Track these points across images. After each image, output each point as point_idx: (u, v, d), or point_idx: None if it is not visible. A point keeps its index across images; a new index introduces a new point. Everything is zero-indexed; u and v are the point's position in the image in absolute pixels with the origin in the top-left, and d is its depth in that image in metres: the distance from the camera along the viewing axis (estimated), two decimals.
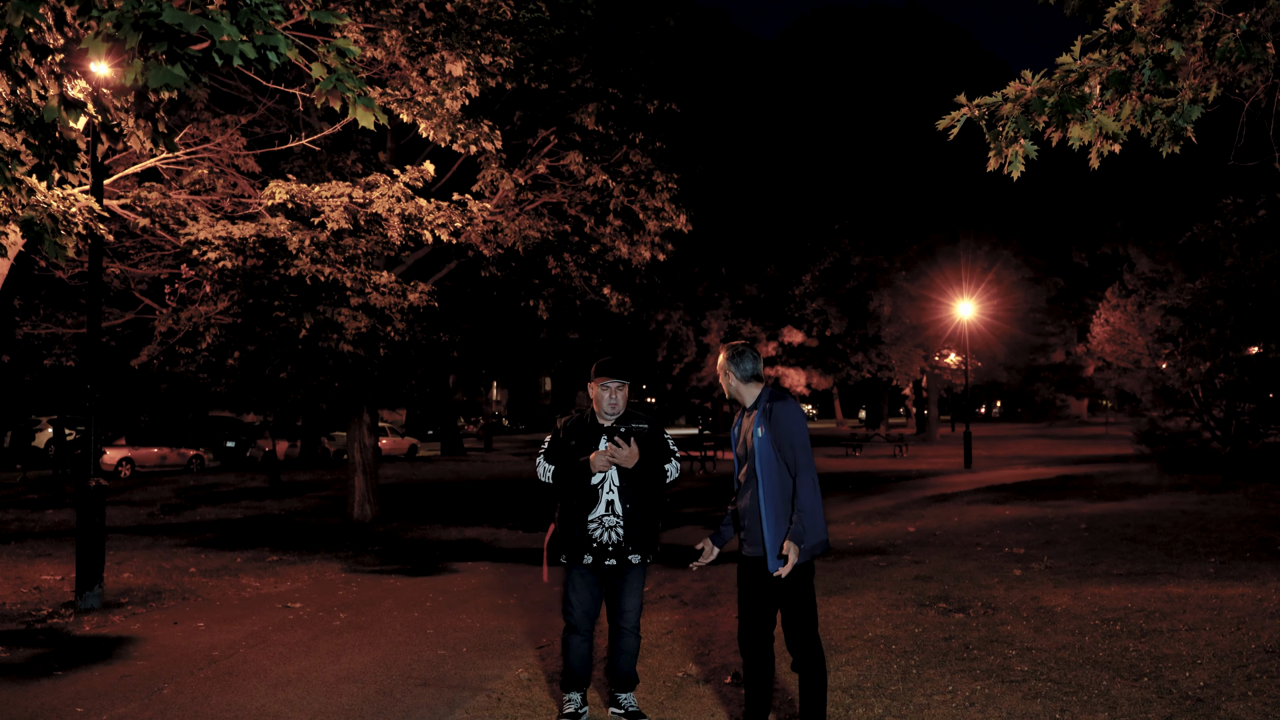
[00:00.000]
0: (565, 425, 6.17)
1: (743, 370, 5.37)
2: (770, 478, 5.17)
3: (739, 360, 5.37)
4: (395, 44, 11.25)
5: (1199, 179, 29.12)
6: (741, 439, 5.38)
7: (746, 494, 5.29)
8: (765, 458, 5.18)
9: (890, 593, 10.18)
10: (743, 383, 5.38)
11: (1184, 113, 5.58)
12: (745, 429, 5.34)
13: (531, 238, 16.02)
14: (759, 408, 5.28)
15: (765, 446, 5.18)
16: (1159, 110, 5.59)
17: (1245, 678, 6.55)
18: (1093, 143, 5.73)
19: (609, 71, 16.28)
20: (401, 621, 9.43)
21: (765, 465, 5.17)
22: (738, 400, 5.41)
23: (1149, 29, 5.40)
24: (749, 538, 5.29)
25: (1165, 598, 9.48)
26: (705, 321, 51.27)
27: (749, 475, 5.27)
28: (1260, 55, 5.39)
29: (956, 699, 6.32)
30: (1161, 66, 5.37)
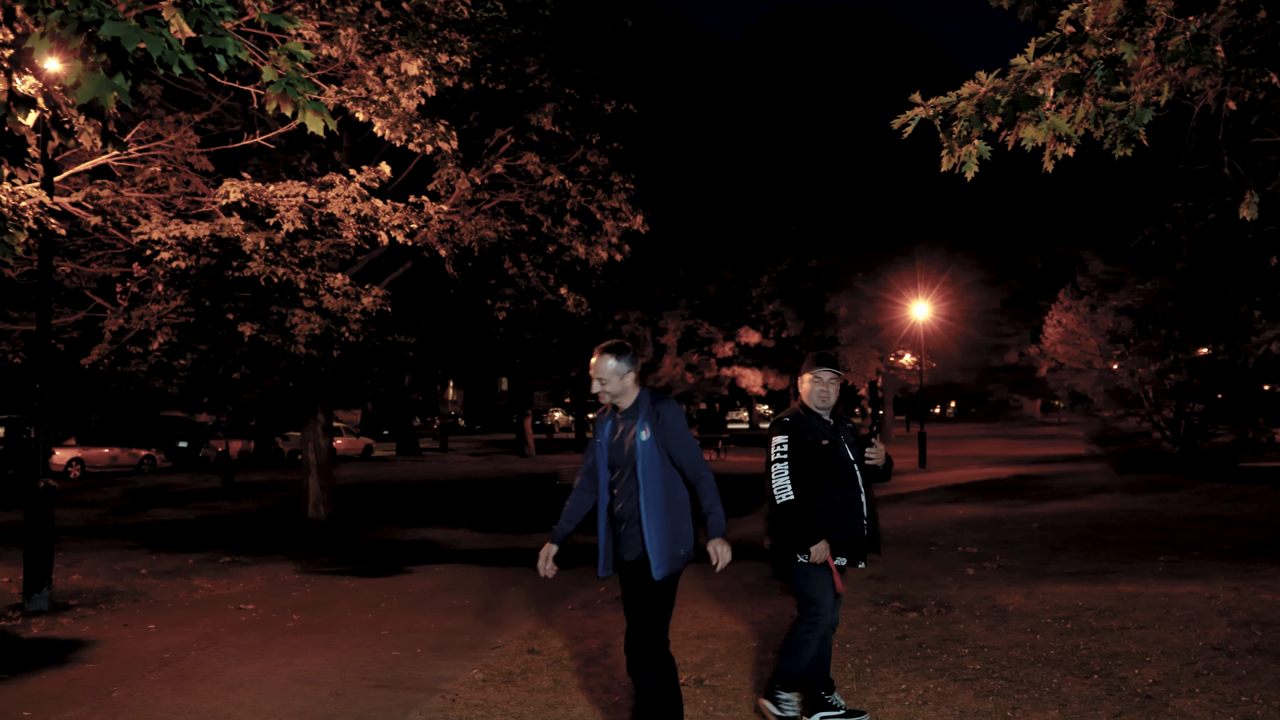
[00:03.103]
0: (792, 427, 5.83)
1: (632, 371, 5.16)
2: (655, 483, 5.03)
3: (628, 360, 5.14)
4: (351, 42, 11.17)
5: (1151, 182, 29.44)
6: (614, 442, 5.18)
7: (623, 499, 5.14)
8: (650, 461, 5.04)
9: (848, 593, 10.22)
10: (631, 384, 5.17)
11: (1136, 115, 5.64)
12: (621, 432, 5.16)
13: (488, 238, 15.97)
14: (641, 410, 5.12)
15: (650, 450, 5.05)
16: (1111, 113, 5.65)
17: (1193, 675, 6.63)
18: (1046, 145, 5.78)
19: (566, 72, 16.25)
20: (356, 623, 9.37)
21: (650, 469, 5.03)
22: (617, 403, 5.17)
23: (1101, 32, 5.46)
24: (625, 541, 5.14)
25: (1116, 596, 9.59)
26: (663, 322, 51.30)
27: (627, 479, 5.11)
28: (1210, 58, 5.46)
29: (910, 697, 6.36)
30: (1113, 69, 5.43)
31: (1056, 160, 5.89)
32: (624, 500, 5.15)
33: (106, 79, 4.75)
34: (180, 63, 4.76)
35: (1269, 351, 9.49)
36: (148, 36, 4.58)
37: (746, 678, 6.89)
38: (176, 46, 4.68)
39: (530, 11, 14.46)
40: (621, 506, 5.16)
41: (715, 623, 8.80)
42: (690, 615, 9.19)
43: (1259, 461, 29.21)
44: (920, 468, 33.73)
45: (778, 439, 5.79)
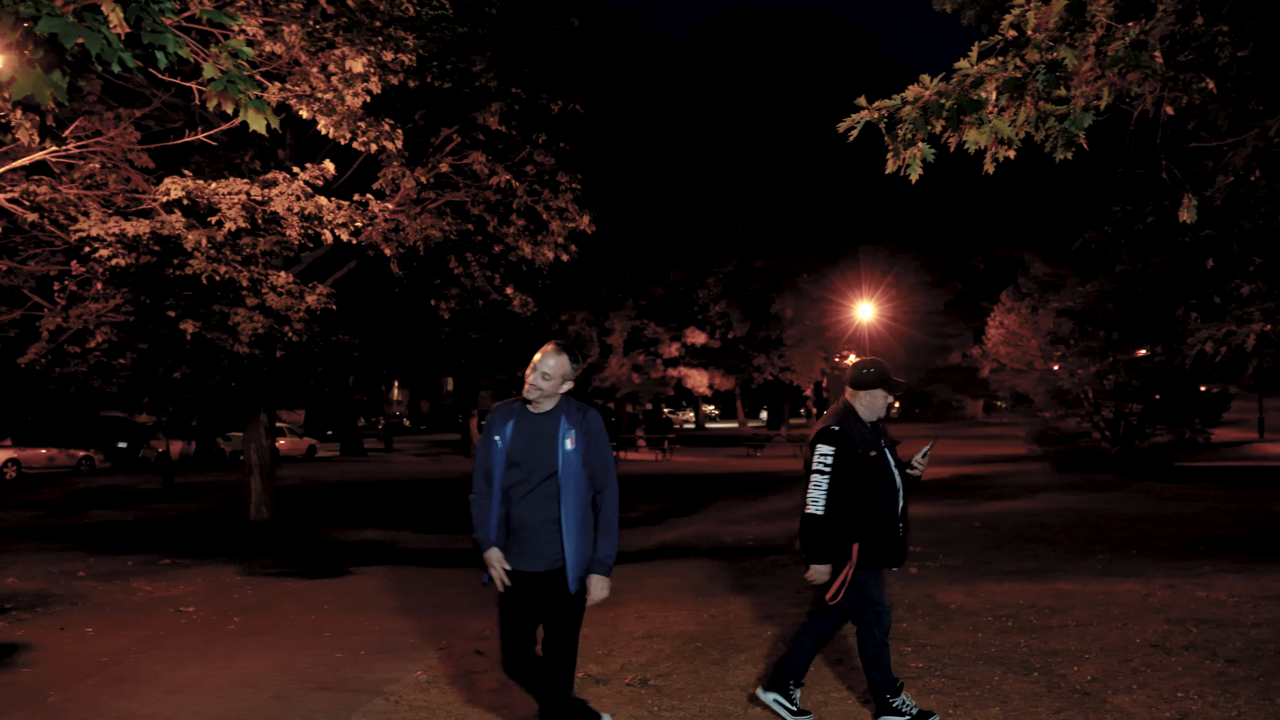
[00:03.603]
0: (842, 438, 5.74)
1: (573, 376, 5.07)
2: (579, 494, 4.95)
3: (575, 363, 5.05)
4: (295, 39, 11.05)
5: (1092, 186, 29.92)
6: (520, 444, 4.97)
7: (530, 505, 4.95)
8: (575, 471, 4.93)
9: (791, 591, 10.28)
10: (565, 388, 5.06)
11: (1076, 119, 5.71)
12: (530, 434, 4.97)
13: (434, 237, 15.88)
14: (563, 416, 4.99)
15: (576, 459, 4.94)
16: (1052, 116, 5.72)
17: (1131, 671, 6.72)
18: (988, 148, 5.84)
19: (513, 71, 16.20)
20: (299, 625, 9.29)
21: (574, 479, 4.93)
22: (538, 404, 5.00)
23: (1043, 36, 5.52)
24: (531, 550, 4.95)
25: (1056, 594, 9.70)
26: (609, 322, 51.34)
27: (539, 485, 4.92)
28: (1149, 63, 5.54)
29: (853, 697, 6.40)
30: (1054, 73, 5.50)
31: (998, 163, 5.96)
32: (532, 507, 4.94)
33: (44, 75, 4.67)
34: (119, 60, 4.69)
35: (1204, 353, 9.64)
36: (85, 32, 4.50)
37: (692, 678, 6.89)
38: (115, 43, 4.61)
39: (477, 10, 14.40)
40: (527, 513, 4.94)
41: (660, 623, 8.81)
42: (635, 615, 9.19)
43: (1194, 461, 29.73)
44: None
45: (824, 448, 5.72)
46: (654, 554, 13.82)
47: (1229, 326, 9.27)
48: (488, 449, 5.07)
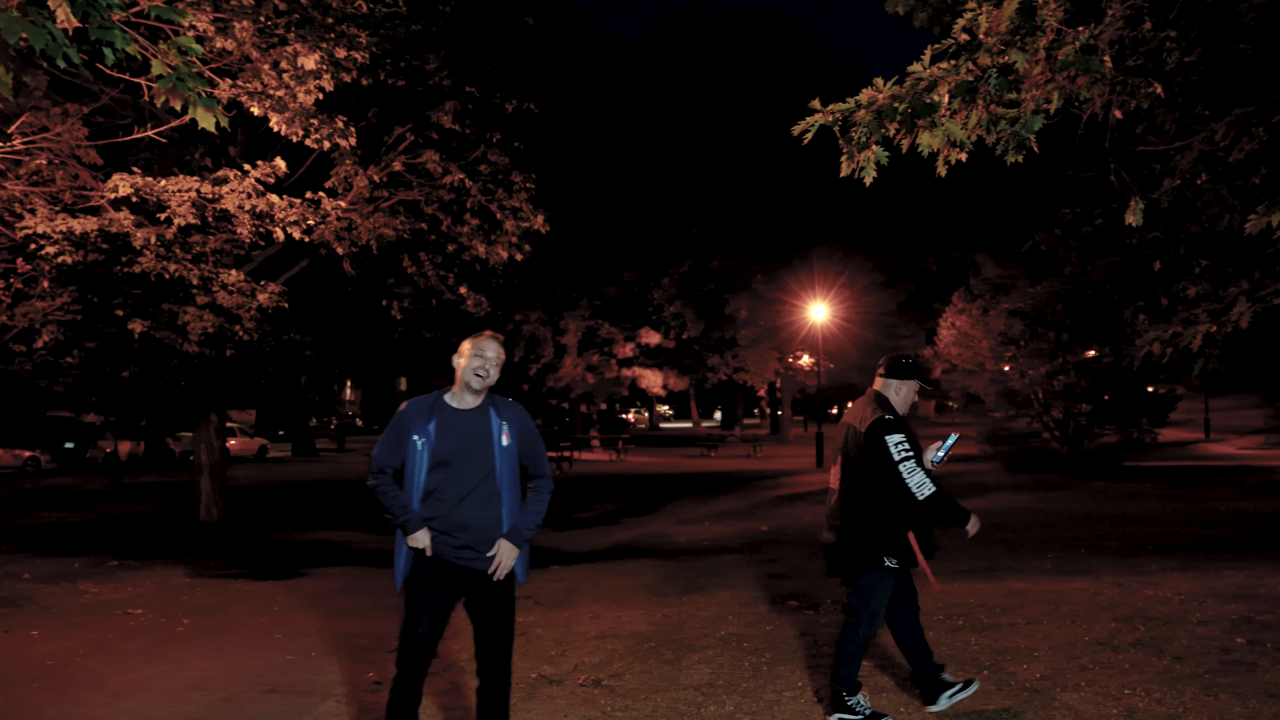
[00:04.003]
0: (904, 425, 5.82)
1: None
2: (515, 488, 4.90)
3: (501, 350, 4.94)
4: (246, 35, 10.94)
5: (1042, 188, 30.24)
6: (448, 442, 4.77)
7: (474, 507, 4.79)
8: (512, 468, 4.87)
9: (744, 591, 10.31)
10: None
11: (1027, 123, 5.76)
12: (461, 431, 4.80)
13: (387, 236, 15.78)
14: (492, 411, 4.88)
15: (513, 456, 4.86)
16: (1003, 120, 5.77)
17: (1079, 669, 6.80)
18: (940, 150, 5.88)
19: (467, 70, 16.14)
20: (249, 627, 9.20)
21: (509, 474, 4.86)
22: (465, 401, 4.86)
23: (995, 40, 5.57)
24: (466, 540, 4.78)
25: (1006, 593, 9.79)
26: (563, 322, 51.26)
27: (478, 486, 4.78)
28: (1098, 68, 5.60)
29: (806, 694, 6.42)
30: (1006, 77, 5.54)
31: (950, 165, 6.00)
32: (473, 511, 4.79)
33: None
34: (65, 56, 4.62)
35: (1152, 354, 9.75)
36: (30, 28, 4.43)
37: (645, 678, 6.90)
38: (61, 39, 4.54)
39: (430, 8, 14.33)
40: (468, 517, 4.78)
41: (614, 623, 8.81)
42: (589, 615, 9.19)
43: (1142, 461, 30.10)
44: (818, 468, 34.14)
45: (895, 437, 5.71)
46: (608, 554, 13.82)
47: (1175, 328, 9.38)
48: (398, 449, 4.80)
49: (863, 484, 5.78)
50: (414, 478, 4.76)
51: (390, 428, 4.85)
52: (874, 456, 5.72)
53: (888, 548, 5.75)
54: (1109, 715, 5.85)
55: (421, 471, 4.75)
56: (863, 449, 5.76)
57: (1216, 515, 16.66)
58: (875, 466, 5.72)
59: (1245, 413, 55.56)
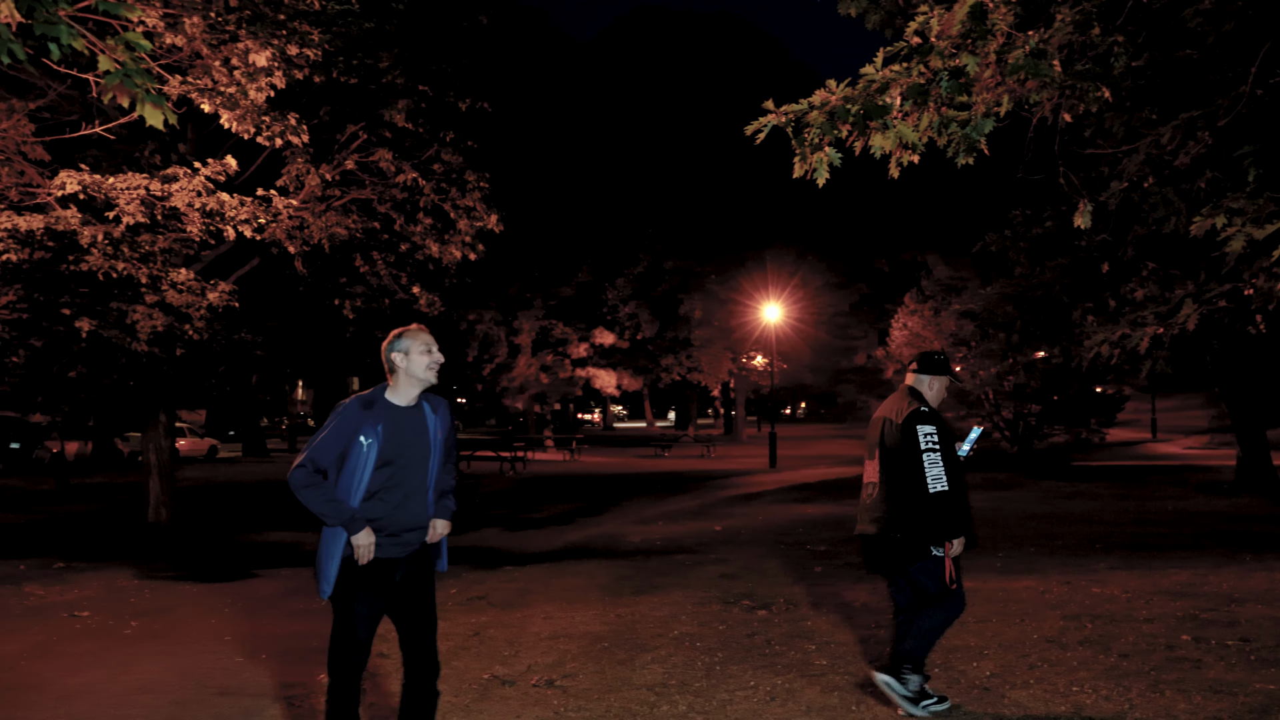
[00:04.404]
0: (936, 417, 5.97)
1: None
2: (451, 473, 4.95)
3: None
4: (197, 31, 10.84)
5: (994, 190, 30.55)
6: (395, 440, 4.72)
7: (415, 506, 4.77)
8: (440, 459, 4.87)
9: (697, 591, 10.33)
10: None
11: (978, 125, 5.81)
12: (403, 429, 4.74)
13: (339, 235, 15.68)
14: (426, 406, 4.85)
15: (441, 451, 4.86)
16: (954, 122, 5.82)
17: (1028, 667, 6.87)
18: (892, 152, 5.92)
19: (420, 68, 16.05)
20: (198, 629, 9.11)
21: (438, 467, 4.86)
22: (400, 397, 4.80)
23: (946, 44, 5.61)
24: (409, 539, 4.78)
25: None
26: (517, 322, 51.13)
27: (415, 484, 4.76)
28: (1047, 72, 5.66)
29: (759, 694, 6.45)
30: (957, 80, 5.59)
31: (902, 167, 6.04)
32: (414, 510, 4.77)
33: None
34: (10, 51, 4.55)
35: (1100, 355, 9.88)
36: None
37: (598, 678, 6.89)
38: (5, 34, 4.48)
39: (383, 5, 14.25)
40: (409, 517, 4.76)
41: (567, 623, 8.80)
42: (542, 616, 9.17)
43: (1090, 460, 30.48)
44: (771, 468, 34.27)
45: (925, 428, 5.85)
46: (561, 554, 13.80)
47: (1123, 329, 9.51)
48: (342, 448, 4.66)
49: (902, 476, 5.90)
50: (356, 478, 4.64)
51: (335, 428, 4.67)
52: (908, 447, 5.86)
53: (932, 536, 5.87)
54: (1057, 712, 5.91)
55: (366, 472, 4.64)
56: (899, 441, 5.90)
57: (1163, 514, 16.88)
58: (909, 457, 5.86)
59: (1191, 413, 56.42)
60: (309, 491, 4.66)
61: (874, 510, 6.05)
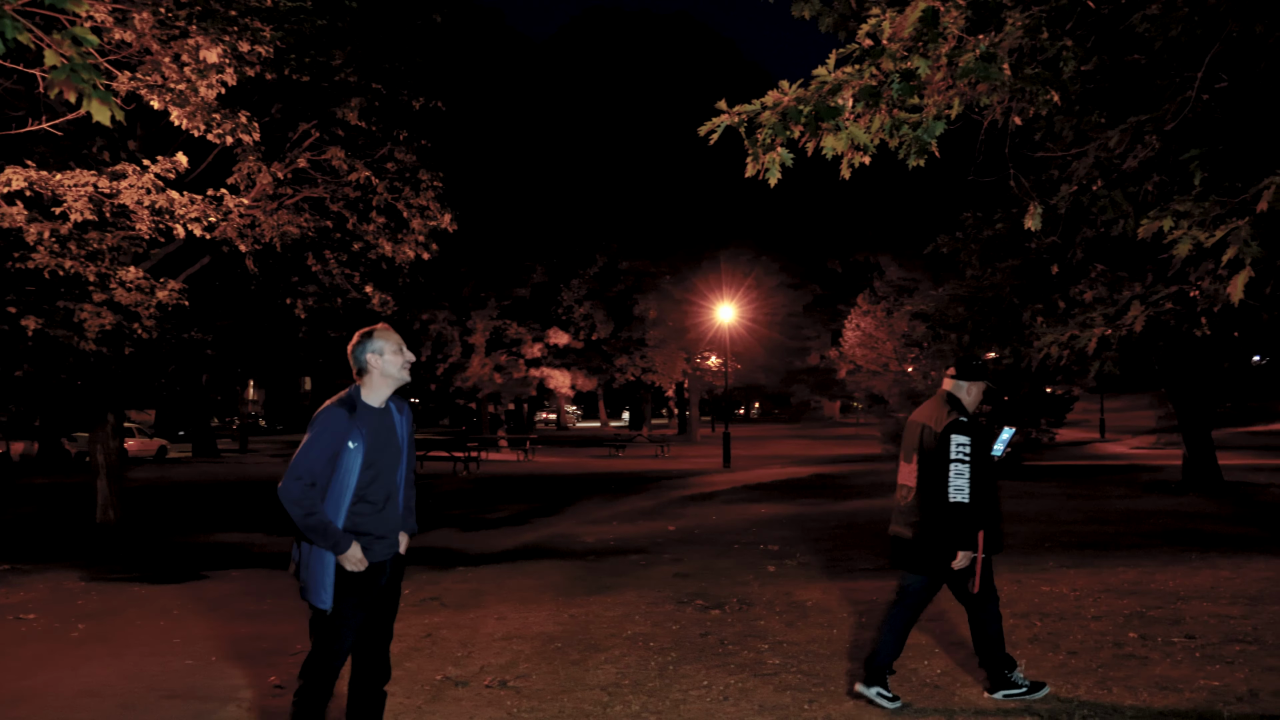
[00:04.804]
0: (973, 429, 6.08)
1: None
2: (411, 483, 4.96)
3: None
4: (146, 27, 10.72)
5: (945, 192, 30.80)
6: (375, 444, 4.71)
7: (391, 510, 4.80)
8: (407, 460, 4.89)
9: (650, 591, 10.35)
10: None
11: (929, 128, 5.85)
12: (378, 431, 4.73)
13: (291, 234, 15.55)
14: (394, 407, 4.87)
15: (408, 449, 4.88)
16: (906, 124, 5.85)
17: (978, 665, 6.93)
18: (844, 153, 5.95)
19: (373, 66, 15.96)
20: (147, 631, 9.01)
21: (406, 468, 4.89)
22: (374, 399, 4.79)
23: (898, 46, 5.64)
24: (384, 542, 4.79)
25: None
26: (471, 322, 50.92)
27: (391, 490, 4.79)
28: (997, 75, 5.72)
29: (712, 693, 6.47)
30: (909, 82, 5.62)
31: (854, 168, 6.08)
32: (390, 514, 4.80)
33: None
34: None
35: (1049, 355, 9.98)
36: None
37: (551, 679, 6.89)
38: None
39: (336, 2, 14.15)
40: (385, 523, 4.77)
41: (520, 624, 8.78)
42: (496, 616, 9.15)
43: (1040, 460, 30.78)
44: (725, 467, 34.34)
45: (959, 438, 6.00)
46: (515, 555, 13.77)
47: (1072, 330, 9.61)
48: (334, 455, 4.61)
49: (937, 482, 6.02)
50: (344, 483, 4.62)
51: (322, 436, 4.60)
52: (943, 455, 6.00)
53: (964, 542, 6.00)
54: (1006, 708, 5.97)
55: (354, 475, 4.63)
56: (935, 448, 6.03)
57: (1111, 513, 17.07)
58: (944, 465, 6.00)
59: (1139, 413, 57.11)
60: (307, 516, 4.57)
61: (909, 514, 6.20)
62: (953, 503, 5.92)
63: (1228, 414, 49.34)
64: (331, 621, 4.65)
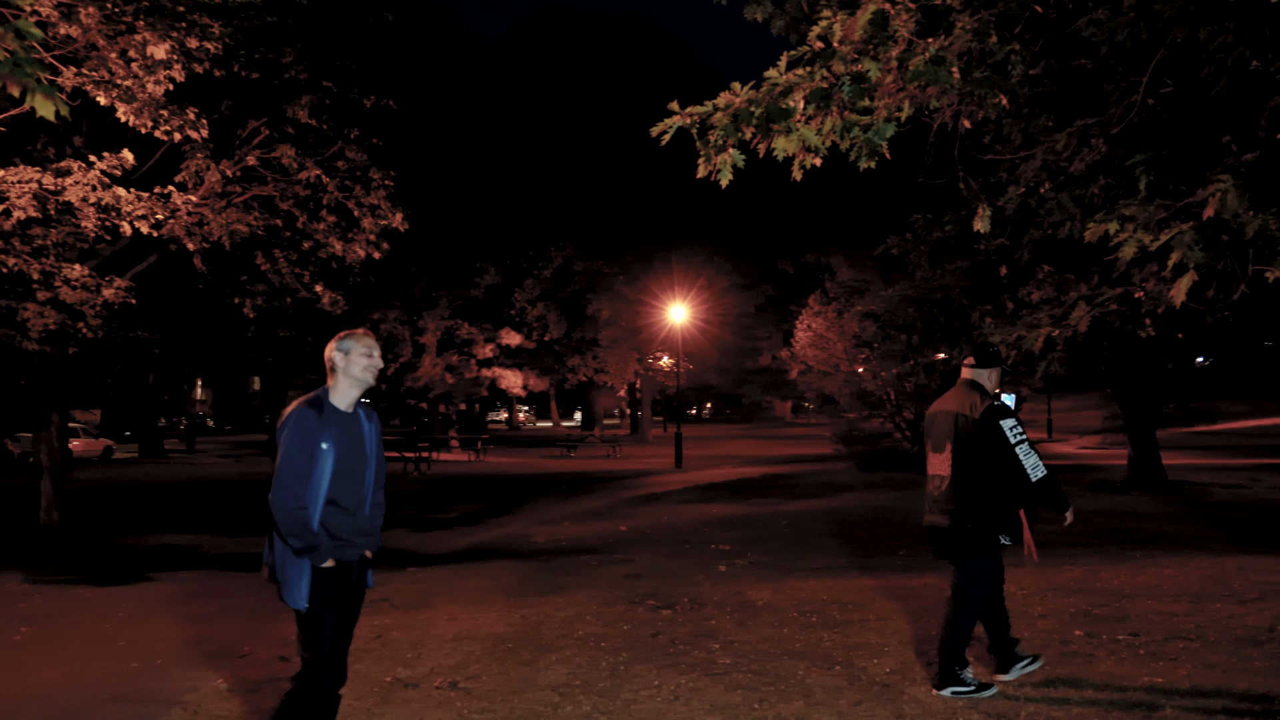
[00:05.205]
0: (1014, 411, 6.23)
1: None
2: (380, 503, 4.93)
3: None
4: (92, 21, 10.58)
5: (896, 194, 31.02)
6: (346, 448, 4.70)
7: (361, 515, 4.77)
8: (374, 468, 4.85)
9: (602, 591, 10.34)
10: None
11: (879, 130, 5.88)
12: (346, 434, 4.70)
13: (240, 232, 15.40)
14: (360, 411, 4.84)
15: (375, 457, 4.85)
16: (856, 127, 5.88)
17: (926, 663, 6.99)
18: (796, 155, 5.98)
19: (324, 64, 15.86)
20: (92, 634, 8.89)
21: (373, 476, 4.86)
22: (342, 401, 4.77)
23: (848, 49, 5.67)
24: (361, 544, 4.79)
25: (858, 590, 10.01)
26: (422, 322, 50.68)
27: (359, 494, 4.75)
28: (947, 78, 5.76)
29: (663, 693, 6.47)
30: (859, 85, 5.65)
31: (805, 170, 6.10)
32: (360, 519, 4.78)
33: None
34: None
35: None
36: None
37: (502, 680, 6.87)
38: None
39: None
40: (356, 526, 4.75)
41: (471, 625, 8.75)
42: (446, 617, 9.11)
43: None
44: (677, 468, 34.40)
45: (1008, 422, 6.15)
46: (466, 555, 13.72)
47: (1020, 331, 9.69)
48: (310, 455, 4.56)
49: (976, 468, 6.17)
50: (317, 485, 4.58)
51: (298, 439, 4.56)
52: (988, 441, 6.13)
53: (1002, 526, 6.20)
54: (954, 706, 6.02)
55: (325, 478, 4.59)
56: (974, 434, 6.16)
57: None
58: (989, 450, 6.13)
59: (1085, 413, 57.82)
60: (297, 515, 4.54)
61: (945, 502, 6.31)
62: (1036, 481, 6.08)
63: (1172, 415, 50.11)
64: (310, 619, 4.62)
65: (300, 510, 4.53)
